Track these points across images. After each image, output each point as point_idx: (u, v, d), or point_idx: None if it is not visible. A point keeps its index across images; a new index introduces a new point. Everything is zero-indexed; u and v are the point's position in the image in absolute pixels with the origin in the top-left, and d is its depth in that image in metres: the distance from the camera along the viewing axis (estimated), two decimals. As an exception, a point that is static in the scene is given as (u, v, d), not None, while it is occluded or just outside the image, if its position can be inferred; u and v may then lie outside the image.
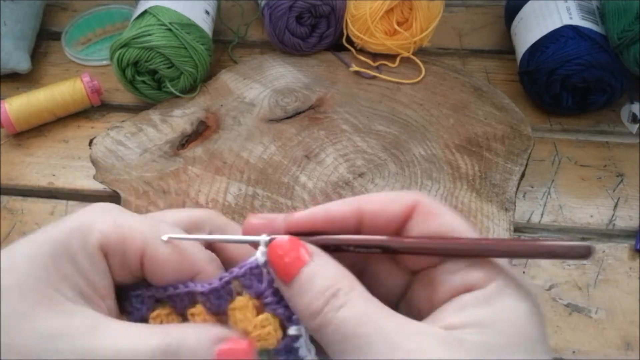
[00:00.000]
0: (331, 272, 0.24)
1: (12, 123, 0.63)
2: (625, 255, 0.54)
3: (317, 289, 0.23)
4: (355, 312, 0.22)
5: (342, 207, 0.26)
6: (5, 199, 0.60)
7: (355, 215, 0.26)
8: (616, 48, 0.59)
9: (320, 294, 0.23)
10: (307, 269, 0.24)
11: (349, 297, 0.23)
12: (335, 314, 0.22)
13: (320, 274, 0.24)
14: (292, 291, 0.24)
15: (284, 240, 0.25)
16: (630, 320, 0.50)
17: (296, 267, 0.24)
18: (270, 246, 0.25)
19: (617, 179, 0.60)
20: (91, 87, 0.65)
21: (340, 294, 0.23)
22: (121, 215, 0.27)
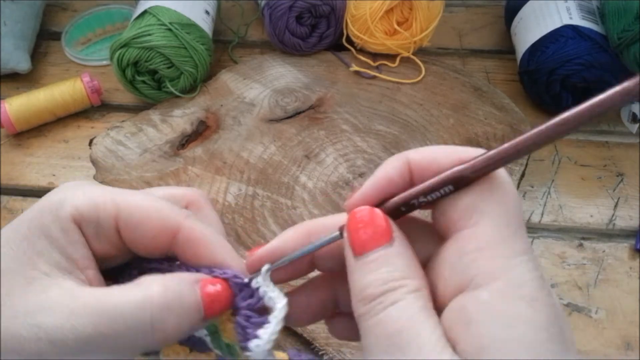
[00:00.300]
0: (404, 264, 0.23)
1: (12, 123, 0.63)
2: (625, 255, 0.54)
3: (383, 276, 0.22)
4: (405, 315, 0.21)
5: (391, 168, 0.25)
6: (5, 199, 0.60)
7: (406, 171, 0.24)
8: (616, 48, 0.59)
9: (383, 282, 0.22)
10: (384, 251, 0.23)
11: (407, 297, 0.22)
12: (385, 308, 0.22)
13: (393, 261, 0.23)
14: (357, 265, 0.23)
15: (365, 212, 0.24)
16: (630, 320, 0.50)
17: (374, 244, 0.23)
18: (352, 214, 0.24)
19: (617, 178, 0.60)
20: (91, 87, 0.65)
21: (401, 290, 0.22)
22: (92, 187, 0.27)
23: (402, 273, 0.23)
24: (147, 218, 0.26)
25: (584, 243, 0.55)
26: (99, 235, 0.26)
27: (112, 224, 0.26)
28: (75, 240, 0.25)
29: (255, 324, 0.25)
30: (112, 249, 0.27)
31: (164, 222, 0.26)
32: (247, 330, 0.25)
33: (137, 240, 0.26)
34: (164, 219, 0.26)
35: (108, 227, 0.26)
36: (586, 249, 0.54)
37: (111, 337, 0.23)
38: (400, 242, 0.24)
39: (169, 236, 0.26)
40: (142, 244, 0.26)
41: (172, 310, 0.24)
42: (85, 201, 0.26)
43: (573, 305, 0.51)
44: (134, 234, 0.26)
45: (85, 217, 0.25)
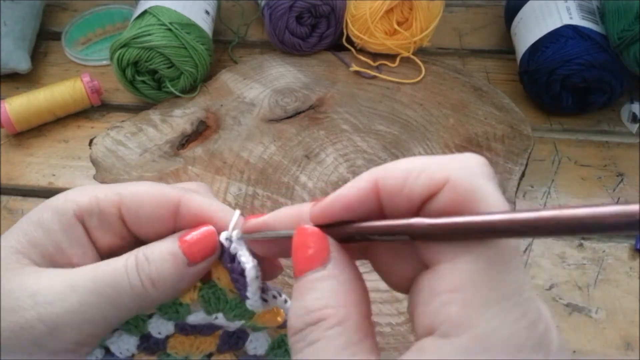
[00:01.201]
0: (328, 290, 0.21)
1: (12, 123, 0.63)
2: (625, 255, 0.54)
3: (307, 305, 0.21)
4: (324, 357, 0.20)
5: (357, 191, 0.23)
6: (5, 199, 0.60)
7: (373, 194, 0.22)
8: (616, 48, 0.59)
9: (306, 312, 0.21)
10: (312, 276, 0.22)
11: (327, 335, 0.20)
12: (305, 348, 0.21)
13: (319, 287, 0.21)
14: (294, 288, 0.23)
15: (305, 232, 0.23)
16: (630, 320, 0.50)
17: (306, 266, 0.22)
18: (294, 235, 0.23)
19: (617, 178, 0.60)
20: (91, 87, 0.65)
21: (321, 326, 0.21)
22: (95, 186, 0.27)
23: (327, 301, 0.21)
24: (149, 198, 0.26)
25: (584, 243, 0.55)
26: (102, 225, 0.26)
27: (114, 211, 0.26)
28: (73, 236, 0.26)
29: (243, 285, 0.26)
30: (117, 239, 0.27)
31: (165, 198, 0.27)
32: (241, 292, 0.27)
33: (142, 222, 0.27)
34: (164, 195, 0.27)
35: (111, 215, 0.26)
36: (586, 249, 0.54)
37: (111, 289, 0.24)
38: (335, 263, 0.22)
39: (171, 211, 0.27)
40: (146, 225, 0.27)
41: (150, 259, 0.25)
42: (86, 196, 0.26)
43: (573, 305, 0.51)
44: (137, 217, 0.26)
45: (86, 210, 0.26)
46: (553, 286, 0.52)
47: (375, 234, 0.22)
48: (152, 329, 0.28)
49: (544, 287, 0.52)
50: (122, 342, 0.28)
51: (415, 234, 0.21)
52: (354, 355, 0.20)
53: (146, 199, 0.26)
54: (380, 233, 0.22)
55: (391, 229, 0.21)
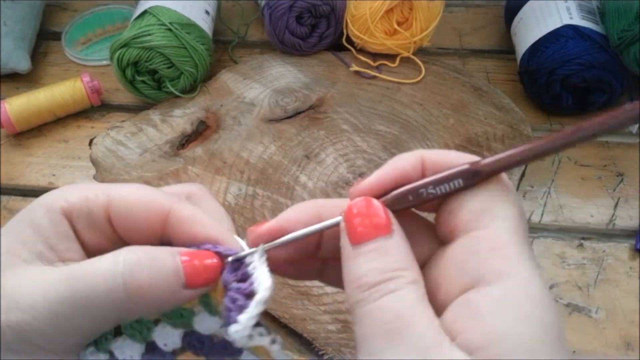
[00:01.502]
0: (402, 255, 0.23)
1: (12, 123, 0.63)
2: (625, 255, 0.54)
3: (381, 265, 0.23)
4: (402, 304, 0.22)
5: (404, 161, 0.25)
6: (5, 199, 0.60)
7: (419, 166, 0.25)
8: (616, 48, 0.59)
9: (382, 271, 0.22)
10: (383, 242, 0.23)
11: (404, 287, 0.22)
12: (383, 296, 0.22)
13: (392, 252, 0.23)
14: (355, 253, 0.23)
15: (365, 203, 0.24)
16: (630, 320, 0.50)
17: (373, 233, 0.23)
18: (350, 205, 0.24)
19: (617, 178, 0.60)
20: (91, 87, 0.65)
21: (400, 280, 0.22)
22: (86, 184, 0.27)
23: (400, 264, 0.23)
24: (138, 203, 0.26)
25: (584, 243, 0.55)
26: (90, 226, 0.26)
27: (103, 213, 0.26)
28: (61, 232, 0.25)
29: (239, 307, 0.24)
30: (104, 241, 0.26)
31: (155, 205, 0.26)
32: (230, 314, 0.24)
33: (129, 227, 0.26)
34: (154, 202, 0.26)
35: (99, 217, 0.26)
36: (586, 249, 0.54)
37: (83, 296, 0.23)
38: (399, 234, 0.24)
39: (160, 219, 0.26)
40: (134, 230, 0.26)
41: (143, 265, 0.23)
42: (76, 194, 0.26)
43: (573, 305, 0.51)
44: (126, 221, 0.26)
45: (75, 208, 0.25)
46: (553, 286, 0.52)
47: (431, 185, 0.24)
48: (157, 338, 0.27)
49: (544, 287, 0.52)
50: (127, 348, 0.27)
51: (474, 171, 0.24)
52: (428, 308, 0.22)
53: (135, 204, 0.26)
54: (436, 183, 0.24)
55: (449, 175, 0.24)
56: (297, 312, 0.47)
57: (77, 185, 0.27)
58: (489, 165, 0.24)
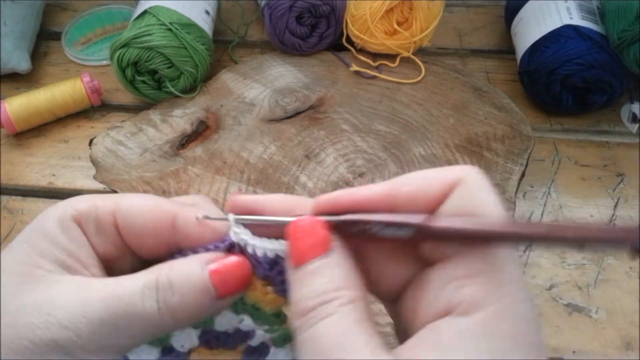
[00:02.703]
0: (339, 274, 0.22)
1: (12, 123, 0.63)
2: (625, 255, 0.54)
3: (317, 288, 0.22)
4: (338, 330, 0.21)
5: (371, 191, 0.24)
6: (5, 199, 0.60)
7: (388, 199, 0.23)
8: (616, 48, 0.59)
9: (316, 295, 0.22)
10: (317, 263, 0.23)
11: (339, 310, 0.21)
12: (318, 322, 0.21)
13: (326, 273, 0.22)
14: (294, 277, 0.23)
15: (306, 222, 0.24)
16: (630, 320, 0.50)
17: (308, 255, 0.23)
18: (291, 224, 0.24)
19: (617, 178, 0.60)
20: (91, 87, 0.65)
21: (334, 303, 0.22)
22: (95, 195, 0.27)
23: (336, 284, 0.22)
24: (145, 209, 0.26)
25: (584, 243, 0.55)
26: (99, 232, 0.26)
27: (110, 219, 0.26)
28: (76, 238, 0.25)
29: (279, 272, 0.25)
30: (113, 249, 0.27)
31: (161, 210, 0.26)
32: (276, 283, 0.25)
33: (137, 234, 0.26)
34: (160, 208, 0.26)
35: (107, 223, 0.26)
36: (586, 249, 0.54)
37: (122, 319, 0.23)
38: (338, 252, 0.23)
39: (167, 224, 0.26)
40: (141, 236, 0.26)
41: (175, 287, 0.24)
42: (85, 202, 0.26)
43: (573, 305, 0.51)
44: (133, 227, 0.26)
45: (84, 214, 0.26)
46: (553, 286, 0.52)
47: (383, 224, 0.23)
48: (175, 342, 0.27)
49: (544, 287, 0.52)
50: (142, 353, 0.27)
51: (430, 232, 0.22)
52: (366, 329, 0.21)
53: (142, 210, 0.26)
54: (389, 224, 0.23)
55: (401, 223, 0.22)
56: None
57: (86, 195, 0.27)
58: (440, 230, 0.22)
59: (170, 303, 0.24)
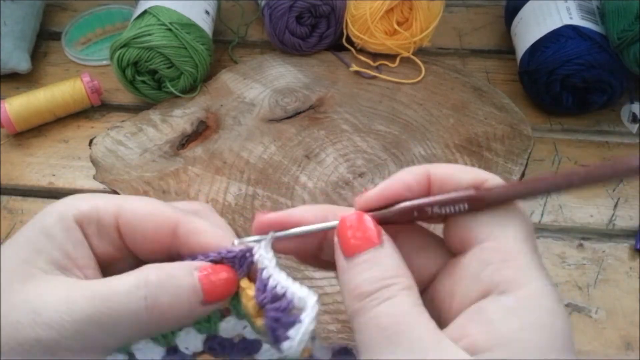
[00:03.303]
0: (394, 263, 0.24)
1: (12, 123, 0.63)
2: (625, 255, 0.54)
3: (375, 274, 0.23)
4: (398, 310, 0.22)
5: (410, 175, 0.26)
6: (5, 199, 0.60)
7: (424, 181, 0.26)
8: (616, 48, 0.59)
9: (376, 280, 0.23)
10: (374, 252, 0.24)
11: (400, 294, 0.23)
12: (379, 304, 0.23)
13: (384, 261, 0.24)
14: (349, 265, 0.24)
15: (357, 216, 0.25)
16: (630, 320, 0.50)
17: (365, 245, 0.24)
18: (342, 219, 0.25)
19: (617, 178, 0.60)
20: (91, 87, 0.65)
21: (394, 287, 0.23)
22: (97, 195, 0.27)
23: (393, 272, 0.24)
24: (147, 214, 0.26)
25: (584, 243, 0.55)
26: (100, 234, 0.26)
27: (112, 222, 0.26)
28: (75, 239, 0.26)
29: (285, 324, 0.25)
30: (113, 250, 0.27)
31: (163, 217, 0.26)
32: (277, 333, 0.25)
33: (138, 237, 0.26)
34: (163, 214, 0.26)
35: (109, 225, 0.26)
36: (586, 249, 0.54)
37: (108, 317, 0.23)
38: (389, 245, 0.25)
39: (168, 230, 0.26)
40: (142, 241, 0.26)
41: (165, 289, 0.24)
42: (87, 202, 0.26)
43: (573, 305, 0.51)
44: (134, 231, 0.26)
45: (86, 215, 0.26)
46: (553, 286, 0.52)
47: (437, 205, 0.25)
48: (179, 342, 0.27)
49: (544, 287, 0.52)
50: (148, 351, 0.27)
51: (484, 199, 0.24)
52: (424, 312, 0.23)
53: (144, 215, 0.26)
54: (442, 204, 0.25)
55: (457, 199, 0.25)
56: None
57: (88, 194, 0.27)
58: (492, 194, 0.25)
59: (160, 302, 0.24)
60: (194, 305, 0.25)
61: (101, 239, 0.26)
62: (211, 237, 0.27)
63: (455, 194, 0.25)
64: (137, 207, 0.26)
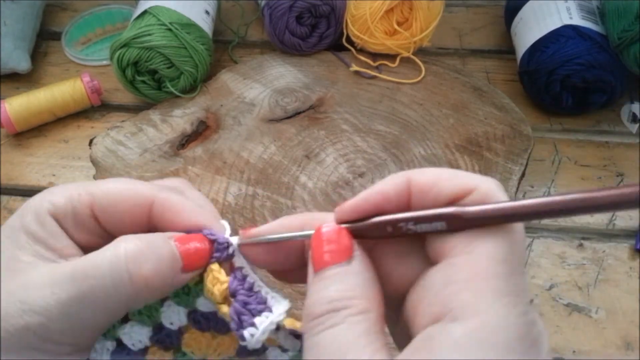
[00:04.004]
0: (356, 283, 0.22)
1: (12, 123, 0.63)
2: (625, 255, 0.54)
3: (330, 294, 0.22)
4: (341, 339, 0.21)
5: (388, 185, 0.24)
6: (5, 199, 0.60)
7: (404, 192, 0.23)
8: (616, 48, 0.59)
9: (327, 301, 0.22)
10: (339, 269, 0.23)
11: (346, 321, 0.21)
12: (323, 330, 0.21)
13: (343, 280, 0.22)
14: (313, 280, 0.23)
15: (330, 229, 0.24)
16: (630, 320, 0.50)
17: (332, 260, 0.23)
18: (315, 231, 0.24)
19: (617, 178, 0.60)
20: (91, 87, 0.65)
21: (344, 312, 0.21)
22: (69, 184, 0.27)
23: (351, 293, 0.22)
24: (121, 196, 0.26)
25: (584, 243, 0.55)
26: (77, 225, 0.26)
27: (87, 212, 0.26)
28: (54, 232, 0.25)
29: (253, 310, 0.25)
30: (93, 238, 0.27)
31: (138, 196, 0.26)
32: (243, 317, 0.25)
33: (115, 220, 0.26)
34: (137, 194, 0.26)
35: (85, 215, 0.26)
36: (586, 249, 0.54)
37: (92, 294, 0.23)
38: (359, 261, 0.23)
39: (145, 209, 0.26)
40: (120, 223, 0.26)
41: (146, 255, 0.24)
42: (60, 195, 0.26)
43: (573, 305, 0.51)
44: (110, 216, 0.26)
45: (61, 209, 0.26)
46: (553, 286, 0.52)
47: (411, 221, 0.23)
48: (164, 320, 0.27)
49: (544, 287, 0.52)
50: (135, 333, 0.27)
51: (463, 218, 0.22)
52: (372, 343, 0.21)
53: (118, 198, 0.26)
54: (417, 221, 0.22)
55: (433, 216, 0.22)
56: (297, 312, 0.47)
57: (61, 186, 0.27)
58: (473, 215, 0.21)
59: (143, 271, 0.24)
60: (175, 273, 0.25)
61: (79, 230, 0.26)
62: (188, 213, 0.26)
63: (431, 211, 0.22)
64: (110, 191, 0.26)
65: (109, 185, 0.26)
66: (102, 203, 0.26)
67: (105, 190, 0.26)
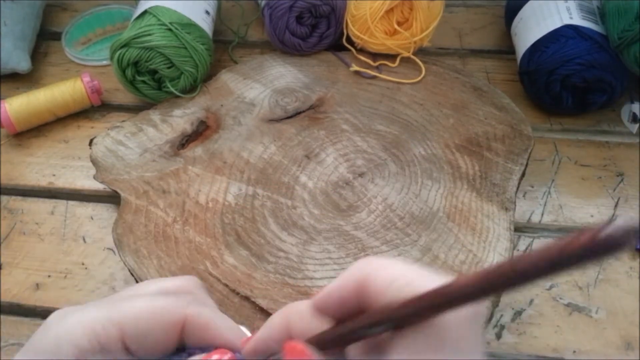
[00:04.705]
0: None
1: (12, 123, 0.63)
2: (625, 255, 0.54)
3: None
4: None
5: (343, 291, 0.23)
6: (5, 199, 0.60)
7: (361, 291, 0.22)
8: (616, 48, 0.59)
9: None
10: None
11: None
12: None
13: None
14: None
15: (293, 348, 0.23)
16: (630, 320, 0.50)
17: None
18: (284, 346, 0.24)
19: (617, 178, 0.60)
20: (91, 87, 0.65)
21: None
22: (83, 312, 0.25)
23: None
24: (154, 321, 0.25)
25: (584, 243, 0.55)
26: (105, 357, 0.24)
27: (119, 346, 0.25)
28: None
29: None
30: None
31: (170, 316, 0.25)
32: None
33: (149, 347, 0.25)
34: (169, 313, 0.25)
35: (116, 350, 0.24)
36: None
37: None
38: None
39: (177, 329, 0.26)
40: (152, 348, 0.25)
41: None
42: (83, 334, 0.24)
43: (573, 306, 0.51)
44: (145, 344, 0.25)
45: (88, 352, 0.24)
46: (553, 286, 0.52)
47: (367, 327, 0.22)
48: None
49: (544, 287, 0.52)
50: None
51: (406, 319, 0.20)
52: None
53: (151, 324, 0.25)
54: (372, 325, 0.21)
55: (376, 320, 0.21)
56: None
57: (71, 314, 0.25)
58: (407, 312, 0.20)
59: None
60: None
61: None
62: (220, 333, 0.26)
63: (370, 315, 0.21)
64: (140, 316, 0.25)
65: (136, 308, 0.25)
66: (134, 334, 0.24)
67: (133, 317, 0.25)
